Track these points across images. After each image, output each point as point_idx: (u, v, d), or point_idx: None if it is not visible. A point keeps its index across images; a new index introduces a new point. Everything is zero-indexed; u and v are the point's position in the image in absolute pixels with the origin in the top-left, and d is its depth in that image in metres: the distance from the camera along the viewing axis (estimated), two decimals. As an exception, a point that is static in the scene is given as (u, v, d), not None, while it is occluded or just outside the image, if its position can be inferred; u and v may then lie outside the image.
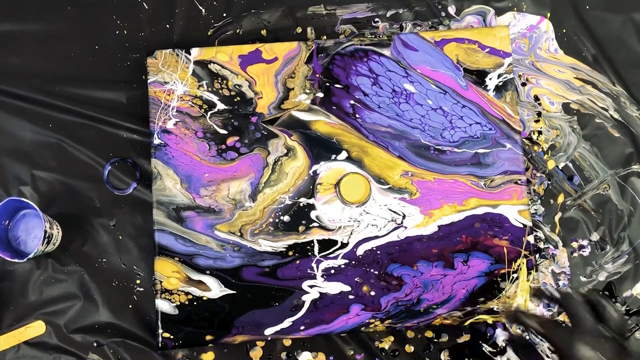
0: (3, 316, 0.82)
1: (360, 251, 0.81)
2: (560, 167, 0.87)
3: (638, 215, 0.87)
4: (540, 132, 0.88)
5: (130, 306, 0.83)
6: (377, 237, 0.81)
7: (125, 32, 0.88)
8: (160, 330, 0.79)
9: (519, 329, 0.83)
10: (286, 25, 0.89)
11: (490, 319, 0.80)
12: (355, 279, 0.80)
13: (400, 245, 0.81)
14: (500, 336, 0.83)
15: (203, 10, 0.89)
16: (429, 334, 0.83)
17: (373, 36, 0.87)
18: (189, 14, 0.89)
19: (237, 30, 0.89)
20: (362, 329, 0.80)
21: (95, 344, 0.81)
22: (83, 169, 0.85)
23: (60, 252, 0.83)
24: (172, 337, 0.79)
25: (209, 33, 0.89)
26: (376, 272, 0.81)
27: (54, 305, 0.82)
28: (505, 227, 0.82)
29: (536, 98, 0.88)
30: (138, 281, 0.83)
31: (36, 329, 0.81)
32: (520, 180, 0.83)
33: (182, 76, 0.83)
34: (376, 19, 0.90)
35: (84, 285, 0.83)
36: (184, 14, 0.89)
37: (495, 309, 0.80)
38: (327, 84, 0.83)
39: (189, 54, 0.83)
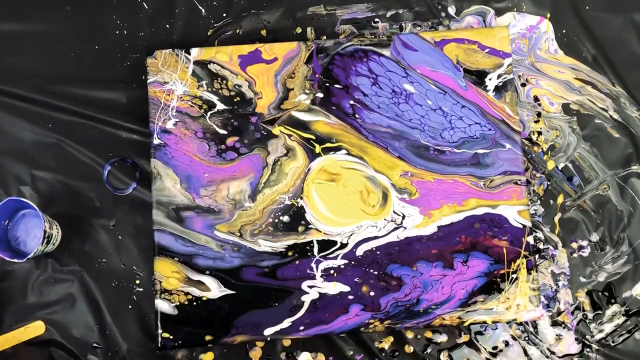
0: (3, 316, 0.82)
1: (359, 251, 0.81)
2: (559, 168, 0.87)
3: (638, 216, 0.87)
4: (540, 133, 0.88)
5: (130, 306, 0.83)
6: (376, 237, 0.81)
7: (125, 32, 0.88)
8: (160, 331, 0.79)
9: (518, 329, 0.83)
10: (286, 26, 0.89)
11: (490, 320, 0.80)
12: (355, 280, 0.80)
13: (399, 246, 0.81)
14: (500, 336, 0.83)
15: (203, 11, 0.89)
16: (429, 334, 0.83)
17: (373, 36, 0.87)
18: (188, 14, 0.89)
19: (237, 31, 0.89)
20: (362, 329, 0.80)
21: (94, 344, 0.82)
22: (83, 169, 0.85)
23: (59, 252, 0.83)
24: (171, 337, 0.79)
25: (208, 33, 0.89)
26: (376, 273, 0.81)
27: (53, 305, 0.82)
28: (504, 227, 0.82)
29: (536, 98, 0.88)
30: (138, 281, 0.83)
31: (35, 329, 0.81)
32: (519, 180, 0.83)
33: (182, 76, 0.83)
34: (376, 19, 0.90)
35: (83, 285, 0.83)
36: (184, 14, 0.89)
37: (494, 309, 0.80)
38: (327, 84, 0.83)
39: (189, 54, 0.83)
